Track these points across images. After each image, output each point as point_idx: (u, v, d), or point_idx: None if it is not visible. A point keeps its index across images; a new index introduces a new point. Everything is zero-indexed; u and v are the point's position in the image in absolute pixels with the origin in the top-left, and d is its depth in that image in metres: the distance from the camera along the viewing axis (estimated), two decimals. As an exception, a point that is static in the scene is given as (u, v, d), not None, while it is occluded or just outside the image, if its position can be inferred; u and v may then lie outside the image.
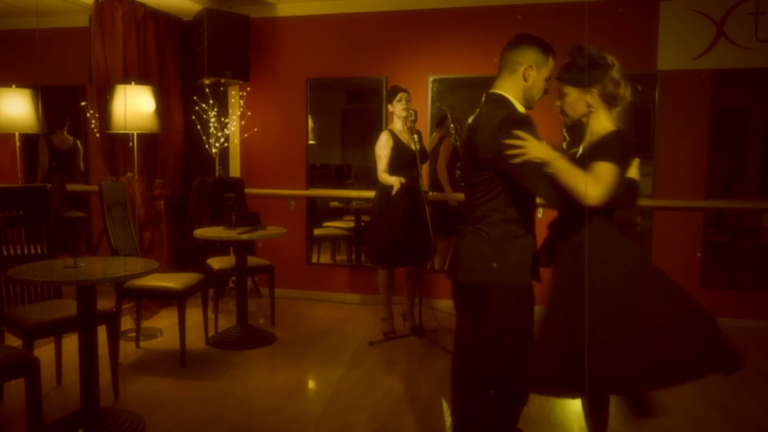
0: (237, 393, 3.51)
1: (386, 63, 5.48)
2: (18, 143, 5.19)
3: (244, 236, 4.20)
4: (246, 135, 5.81)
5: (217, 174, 5.58)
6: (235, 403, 3.38)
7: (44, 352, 3.47)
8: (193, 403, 3.36)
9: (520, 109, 2.27)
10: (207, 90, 5.44)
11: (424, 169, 4.87)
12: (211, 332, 4.48)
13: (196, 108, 5.54)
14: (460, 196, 5.15)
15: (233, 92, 5.77)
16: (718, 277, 5.47)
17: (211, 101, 5.47)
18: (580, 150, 2.36)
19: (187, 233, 5.26)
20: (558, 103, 2.36)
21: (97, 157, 5.51)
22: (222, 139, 5.59)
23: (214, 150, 5.57)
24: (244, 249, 4.50)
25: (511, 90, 2.27)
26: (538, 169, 2.08)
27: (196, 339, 4.36)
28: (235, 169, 5.88)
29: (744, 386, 3.70)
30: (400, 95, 4.40)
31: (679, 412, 3.30)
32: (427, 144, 5.20)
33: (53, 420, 3.00)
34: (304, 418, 3.22)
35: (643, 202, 5.34)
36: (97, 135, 5.04)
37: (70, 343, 3.50)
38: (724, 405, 3.42)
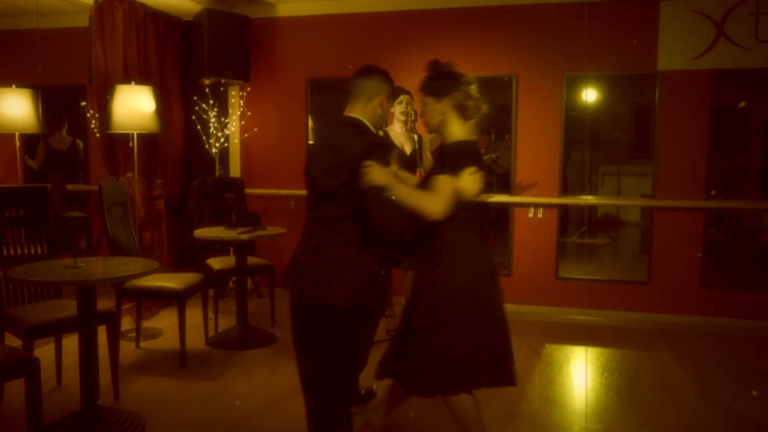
0: (237, 393, 3.51)
1: (386, 63, 5.42)
2: (18, 143, 5.19)
3: (244, 236, 4.20)
4: (246, 135, 5.81)
5: (217, 174, 5.58)
6: (235, 403, 3.37)
7: (44, 352, 3.47)
8: (193, 403, 3.36)
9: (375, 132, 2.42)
10: (207, 90, 5.44)
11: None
12: (211, 332, 4.48)
13: (196, 108, 5.54)
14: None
15: (233, 92, 5.77)
16: (718, 277, 5.47)
17: (211, 101, 5.47)
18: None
19: (187, 233, 5.25)
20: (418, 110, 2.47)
21: (97, 157, 5.51)
22: (222, 139, 5.59)
23: (214, 150, 5.57)
24: (244, 249, 4.50)
25: (366, 116, 2.36)
26: (378, 193, 2.13)
27: (196, 339, 4.36)
28: (235, 169, 5.87)
29: (744, 386, 3.70)
30: (401, 97, 4.36)
31: (679, 412, 3.31)
32: (427, 142, 5.20)
33: (53, 420, 3.00)
34: (304, 419, 3.21)
35: (644, 202, 5.35)
36: (97, 135, 5.04)
37: (70, 343, 3.50)
38: (724, 405, 3.42)
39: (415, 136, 4.31)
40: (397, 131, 4.44)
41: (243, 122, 5.77)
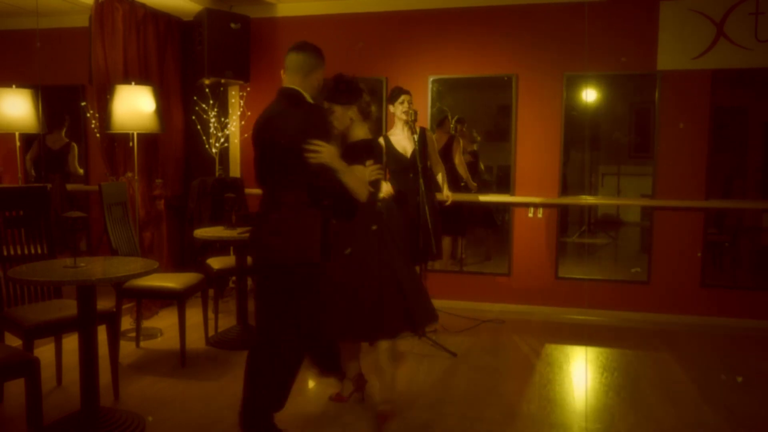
0: (237, 393, 3.48)
1: (386, 63, 5.47)
2: (18, 143, 5.19)
3: (244, 236, 4.20)
4: (246, 135, 5.81)
5: (217, 174, 5.58)
6: (235, 403, 3.35)
7: (44, 352, 3.47)
8: (193, 403, 3.36)
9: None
10: (207, 90, 5.44)
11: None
12: (211, 332, 4.48)
13: (196, 108, 5.54)
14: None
15: (233, 92, 5.77)
16: (718, 277, 5.48)
17: (211, 101, 5.47)
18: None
19: (187, 233, 5.25)
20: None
21: (97, 157, 5.51)
22: (222, 139, 5.59)
23: (214, 150, 5.57)
24: (244, 249, 4.49)
25: (305, 87, 2.74)
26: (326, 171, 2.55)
27: (196, 339, 4.36)
28: (235, 169, 5.88)
29: (744, 386, 3.71)
30: (402, 97, 4.37)
31: (679, 412, 3.31)
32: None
33: (53, 420, 3.00)
34: (305, 419, 3.22)
35: (644, 202, 5.35)
36: (97, 135, 5.04)
37: (70, 343, 3.50)
38: (725, 405, 3.42)
39: (415, 136, 4.33)
40: (398, 135, 4.45)
41: (243, 122, 5.77)
